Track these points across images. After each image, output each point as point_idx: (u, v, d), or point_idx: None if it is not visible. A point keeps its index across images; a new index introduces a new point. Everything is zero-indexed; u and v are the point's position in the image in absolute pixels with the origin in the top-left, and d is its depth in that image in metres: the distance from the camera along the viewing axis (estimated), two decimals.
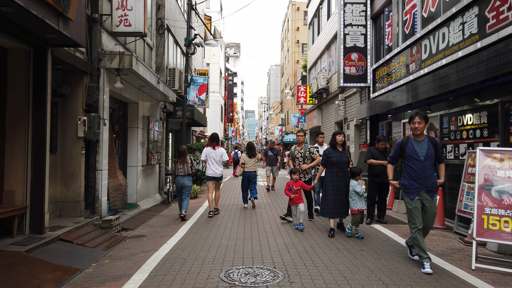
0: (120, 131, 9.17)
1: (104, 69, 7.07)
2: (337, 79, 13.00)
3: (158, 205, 9.92)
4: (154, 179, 10.97)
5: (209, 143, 8.33)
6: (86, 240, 5.52)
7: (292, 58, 35.91)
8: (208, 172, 8.16)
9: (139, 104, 9.47)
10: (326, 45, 18.61)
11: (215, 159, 8.11)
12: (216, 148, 8.19)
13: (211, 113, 30.75)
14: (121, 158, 9.17)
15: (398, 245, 5.53)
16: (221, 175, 8.22)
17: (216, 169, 8.11)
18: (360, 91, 13.18)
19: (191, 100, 11.75)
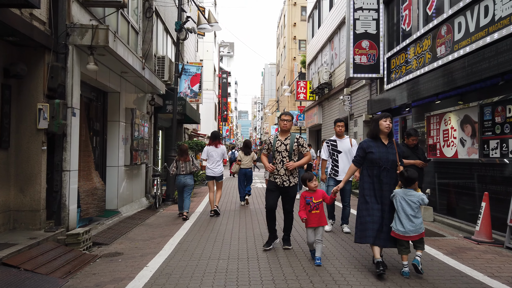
0: (98, 125, 7.82)
1: (74, 46, 5.72)
2: (345, 70, 11.76)
3: (143, 212, 8.57)
4: (140, 181, 9.62)
5: (210, 142, 8.12)
6: (39, 263, 4.18)
7: (288, 55, 34.69)
8: (208, 171, 7.99)
9: (121, 94, 8.12)
10: (328, 37, 17.40)
11: (216, 158, 7.95)
12: (218, 146, 8.02)
13: (205, 111, 29.37)
14: (99, 156, 7.82)
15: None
16: (221, 175, 8.06)
17: (215, 168, 7.95)
18: (370, 84, 11.95)
19: (182, 91, 10.43)
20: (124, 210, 8.09)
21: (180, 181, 7.75)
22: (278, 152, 5.03)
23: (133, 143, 8.50)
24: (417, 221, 3.89)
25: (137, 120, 8.71)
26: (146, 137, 9.60)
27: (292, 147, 4.99)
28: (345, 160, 6.11)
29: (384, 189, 4.10)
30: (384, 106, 9.99)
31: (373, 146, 4.20)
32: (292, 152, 4.99)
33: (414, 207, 3.90)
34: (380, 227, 4.06)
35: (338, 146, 6.26)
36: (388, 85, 9.91)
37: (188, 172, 7.78)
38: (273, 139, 5.17)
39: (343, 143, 6.27)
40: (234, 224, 7.00)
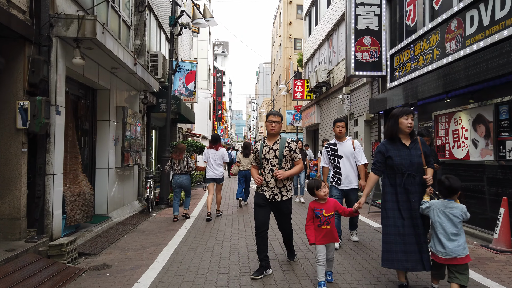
0: (87, 124, 7.33)
1: (58, 38, 5.24)
2: (345, 68, 11.36)
3: (135, 216, 8.09)
4: (132, 183, 9.13)
5: (211, 145, 8.15)
6: (16, 280, 3.70)
7: (284, 54, 34.30)
8: (208, 173, 7.92)
9: (112, 92, 7.63)
10: (326, 35, 17.00)
11: (216, 160, 7.90)
12: (218, 149, 8.01)
13: (199, 111, 28.85)
14: (88, 158, 7.33)
15: None
16: (221, 177, 7.99)
17: (216, 170, 7.87)
18: (371, 82, 11.56)
19: (176, 89, 9.96)
20: (115, 215, 7.60)
21: (176, 181, 7.64)
22: (266, 160, 4.15)
23: (125, 143, 8.02)
24: (460, 240, 3.19)
25: (128, 119, 8.23)
26: (138, 137, 9.12)
27: (282, 152, 4.09)
28: (347, 165, 5.30)
29: (412, 200, 3.44)
30: (387, 105, 9.59)
31: (391, 150, 3.54)
32: (282, 159, 4.08)
33: (456, 223, 3.20)
34: (405, 248, 3.39)
35: (339, 150, 5.36)
36: (391, 83, 9.52)
37: (184, 172, 7.66)
38: (260, 146, 4.27)
39: (344, 146, 5.35)
40: (232, 230, 6.55)
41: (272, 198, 4.11)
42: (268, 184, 4.12)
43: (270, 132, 4.20)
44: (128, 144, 8.22)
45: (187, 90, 10.08)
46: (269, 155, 4.15)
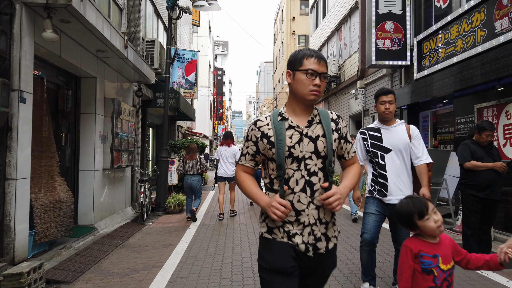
0: (69, 119, 6.20)
1: (23, 6, 4.11)
2: (359, 61, 10.24)
3: (127, 226, 6.95)
4: (124, 187, 7.99)
5: (223, 142, 7.86)
6: None
7: (287, 51, 33.14)
8: (219, 171, 7.70)
9: (98, 80, 6.50)
10: (336, 27, 15.88)
11: (227, 158, 7.66)
12: (230, 146, 7.74)
13: (199, 109, 27.73)
14: (69, 159, 6.19)
15: None
16: (233, 175, 7.58)
17: (227, 168, 7.64)
18: (391, 74, 10.43)
19: (175, 81, 8.82)
20: (102, 225, 6.46)
21: (187, 181, 7.42)
22: (294, 161, 1.85)
23: (114, 141, 6.88)
24: None
25: (119, 113, 7.09)
26: (131, 135, 7.98)
27: (331, 141, 1.88)
28: (398, 165, 3.40)
29: None
30: (415, 98, 8.47)
31: None
32: (332, 157, 1.89)
33: None
34: None
35: (384, 139, 3.42)
36: (419, 73, 8.38)
37: (195, 172, 7.43)
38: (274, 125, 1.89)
39: (393, 133, 3.42)
40: (242, 245, 5.41)
41: (312, 249, 1.85)
42: (301, 217, 1.84)
43: (312, 92, 1.84)
44: (118, 142, 7.09)
45: (188, 82, 8.94)
46: (302, 149, 1.85)
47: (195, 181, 7.38)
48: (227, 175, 7.62)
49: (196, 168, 7.40)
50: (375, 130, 3.49)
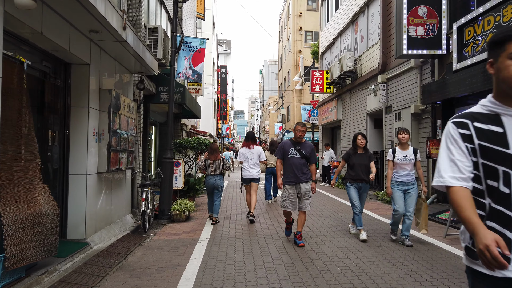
0: (57, 113, 5.20)
1: None
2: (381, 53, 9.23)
3: (126, 239, 5.96)
4: (123, 192, 7.00)
5: (244, 143, 7.82)
6: None
7: (293, 48, 32.13)
8: (244, 173, 7.64)
9: (92, 67, 5.50)
10: (351, 18, 14.87)
11: (252, 159, 7.62)
12: (252, 147, 7.69)
13: (203, 107, 26.67)
14: (57, 161, 5.20)
15: None
16: (258, 177, 7.70)
17: (252, 170, 7.60)
18: (420, 66, 9.41)
19: (181, 72, 7.81)
20: (96, 239, 5.47)
21: (210, 182, 7.28)
22: None
23: (112, 140, 5.88)
24: None
25: (118, 108, 6.10)
26: (132, 133, 6.99)
27: None
28: None
29: None
30: (452, 92, 7.46)
31: None
32: None
33: None
34: None
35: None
36: (459, 63, 7.35)
37: (218, 173, 7.33)
38: None
39: None
40: (267, 267, 4.40)
41: None
42: None
43: None
44: (117, 141, 6.09)
45: (195, 73, 7.93)
46: None
47: (218, 180, 7.30)
48: (253, 176, 7.62)
49: (219, 168, 7.32)
50: (488, 118, 1.58)
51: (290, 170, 5.49)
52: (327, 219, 7.52)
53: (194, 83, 15.64)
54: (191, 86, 15.52)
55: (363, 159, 5.88)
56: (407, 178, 5.44)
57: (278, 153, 5.69)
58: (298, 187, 5.50)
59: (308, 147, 5.57)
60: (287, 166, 5.55)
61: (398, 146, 5.55)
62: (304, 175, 5.49)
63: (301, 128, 5.55)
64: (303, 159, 5.51)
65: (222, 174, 7.42)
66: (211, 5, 31.23)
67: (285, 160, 5.57)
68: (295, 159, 5.49)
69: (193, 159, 10.02)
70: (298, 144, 5.57)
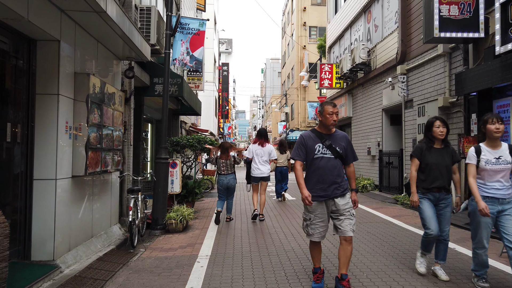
0: (15, 101, 4.13)
1: None
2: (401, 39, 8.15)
3: (109, 257, 4.88)
4: (108, 199, 5.92)
5: (256, 140, 7.58)
6: None
7: (297, 44, 31.02)
8: (255, 172, 7.37)
9: (64, 45, 4.42)
10: (363, 7, 13.80)
11: (263, 157, 7.34)
12: (264, 145, 7.40)
13: (205, 105, 25.59)
14: (20, 162, 4.12)
15: None
16: (268, 175, 7.49)
17: (263, 167, 7.35)
18: (449, 54, 8.31)
19: (177, 58, 6.70)
20: (69, 259, 4.39)
21: (223, 182, 7.14)
22: None
23: (91, 136, 4.80)
24: None
25: (98, 96, 5.02)
26: (119, 129, 5.92)
27: None
28: None
29: None
30: (493, 80, 6.37)
31: None
32: None
33: None
34: None
35: None
36: (503, 46, 6.24)
37: (230, 172, 7.16)
38: None
39: None
40: None
41: None
42: None
43: None
44: (97, 138, 5.02)
45: (193, 59, 6.83)
46: None
47: (231, 180, 7.13)
48: (264, 174, 7.34)
49: (230, 168, 7.15)
50: None
51: (318, 179, 3.56)
52: (369, 245, 5.32)
53: (194, 77, 14.60)
54: (191, 80, 14.45)
55: (442, 157, 3.88)
56: (502, 193, 3.51)
57: (297, 152, 3.71)
58: (330, 204, 3.58)
59: (343, 140, 3.67)
60: (312, 172, 3.62)
61: (484, 143, 3.67)
62: (339, 185, 3.56)
63: (332, 109, 3.58)
64: (337, 159, 3.59)
65: (234, 173, 7.23)
66: (212, 0, 30.17)
67: (308, 162, 3.68)
68: (325, 160, 3.56)
69: (193, 159, 8.94)
70: (328, 137, 3.62)
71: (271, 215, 7.98)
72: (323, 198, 3.55)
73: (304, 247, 5.28)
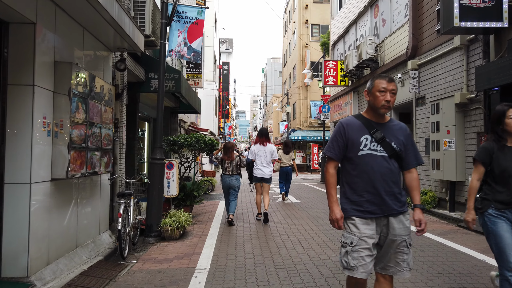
0: None
1: None
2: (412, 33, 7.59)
3: (94, 271, 4.31)
4: (97, 204, 5.35)
5: (257, 139, 7.40)
6: None
7: (299, 42, 30.45)
8: (256, 172, 7.23)
9: (41, 29, 3.86)
10: (370, 1, 13.23)
11: (265, 157, 7.19)
12: (265, 144, 7.27)
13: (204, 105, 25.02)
14: None
15: None
16: (270, 176, 7.29)
17: (264, 168, 7.18)
18: (467, 46, 7.74)
19: (174, 49, 6.13)
20: (48, 274, 3.82)
21: (225, 181, 7.09)
22: None
23: (74, 134, 4.24)
24: None
25: (90, 93, 4.46)
26: (109, 126, 5.35)
27: None
28: None
29: None
30: None
31: None
32: None
33: None
34: None
35: None
36: None
37: (235, 173, 7.10)
38: None
39: None
40: None
41: None
42: None
43: None
44: (82, 137, 4.45)
45: (191, 51, 6.25)
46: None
47: (234, 180, 7.05)
48: (265, 175, 7.21)
49: (235, 168, 7.07)
50: None
51: (365, 186, 2.47)
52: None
53: (194, 74, 14.04)
54: (190, 77, 13.88)
55: None
56: None
57: (331, 146, 2.58)
58: (382, 224, 2.48)
59: (401, 133, 2.54)
60: (356, 176, 2.51)
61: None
62: (396, 197, 2.47)
63: (386, 84, 2.45)
64: (393, 160, 2.49)
65: (239, 174, 7.16)
66: None
67: (349, 161, 2.55)
68: (376, 159, 2.47)
69: (191, 159, 8.37)
70: (379, 127, 2.52)
71: (275, 220, 7.43)
72: (372, 214, 2.43)
73: (314, 258, 4.71)
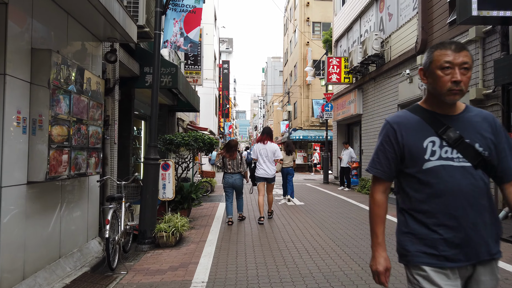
0: None
1: None
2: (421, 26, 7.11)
3: (79, 284, 3.82)
4: (85, 209, 4.87)
5: (259, 138, 7.33)
6: None
7: (300, 40, 29.97)
8: (259, 172, 7.13)
9: (15, 10, 3.38)
10: None
11: (267, 156, 7.07)
12: (266, 142, 7.14)
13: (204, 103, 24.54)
14: None
15: None
16: (273, 176, 7.17)
17: (268, 168, 7.06)
18: (483, 39, 7.27)
19: (169, 40, 5.64)
20: None
21: (228, 180, 6.96)
22: None
23: (55, 131, 3.76)
24: None
25: (74, 85, 3.98)
26: (97, 123, 4.87)
27: None
28: None
29: None
30: None
31: None
32: None
33: None
34: None
35: None
36: None
37: (236, 171, 6.94)
38: None
39: None
40: None
41: None
42: None
43: None
44: (65, 134, 3.97)
45: (188, 42, 5.75)
46: None
47: (237, 179, 6.90)
48: (268, 175, 7.09)
49: (237, 167, 6.92)
50: None
51: (440, 215, 1.54)
52: None
53: (192, 71, 13.55)
54: (188, 73, 13.40)
55: None
56: None
57: (377, 161, 1.69)
58: (465, 276, 1.56)
59: (486, 126, 1.60)
60: (425, 198, 1.57)
61: None
62: (490, 230, 1.55)
63: (453, 55, 1.51)
64: (479, 170, 1.55)
65: (240, 173, 6.98)
66: None
67: (409, 177, 1.62)
68: (453, 173, 1.54)
69: (189, 159, 7.90)
70: (450, 121, 1.60)
71: (279, 224, 6.95)
72: (454, 263, 1.53)
73: (324, 270, 4.23)
